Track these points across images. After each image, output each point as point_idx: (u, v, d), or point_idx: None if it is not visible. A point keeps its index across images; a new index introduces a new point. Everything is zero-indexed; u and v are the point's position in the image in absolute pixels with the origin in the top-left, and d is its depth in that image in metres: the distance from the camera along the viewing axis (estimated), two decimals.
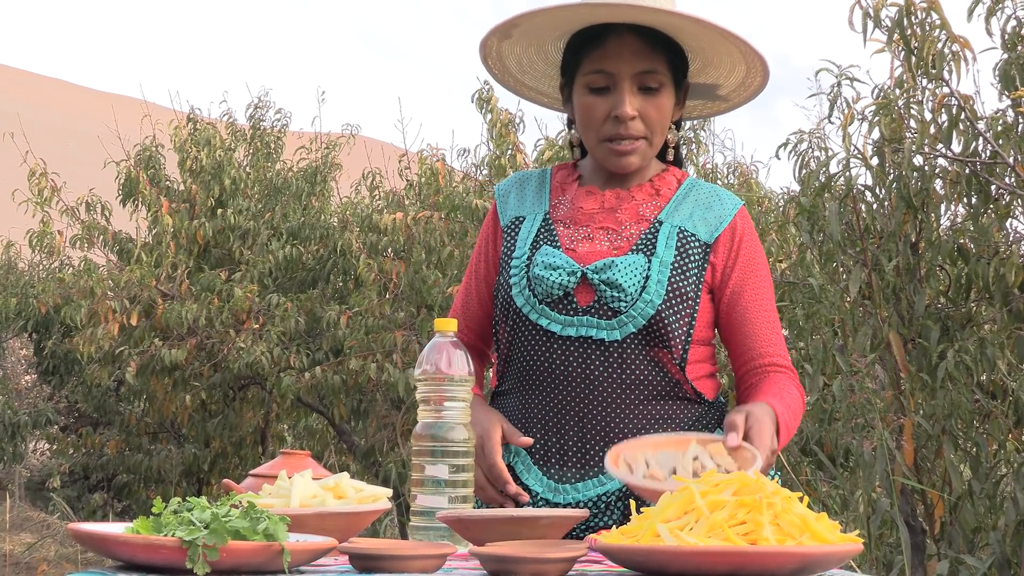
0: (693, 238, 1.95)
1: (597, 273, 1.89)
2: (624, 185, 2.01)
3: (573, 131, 2.06)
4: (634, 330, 1.88)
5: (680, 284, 1.91)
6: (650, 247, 1.93)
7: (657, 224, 1.96)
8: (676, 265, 1.92)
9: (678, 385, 1.92)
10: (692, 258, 1.94)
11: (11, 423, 8.48)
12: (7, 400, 8.93)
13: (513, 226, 2.05)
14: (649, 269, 1.90)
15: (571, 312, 1.90)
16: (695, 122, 5.68)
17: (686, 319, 1.91)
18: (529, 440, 1.90)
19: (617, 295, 1.88)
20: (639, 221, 1.97)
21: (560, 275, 1.90)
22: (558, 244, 1.96)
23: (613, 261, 1.90)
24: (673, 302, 1.89)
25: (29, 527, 8.20)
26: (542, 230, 2.00)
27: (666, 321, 1.88)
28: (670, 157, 2.07)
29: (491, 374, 2.10)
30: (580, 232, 1.97)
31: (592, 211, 1.99)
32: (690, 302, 1.91)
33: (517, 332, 1.94)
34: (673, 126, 2.04)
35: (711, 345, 1.99)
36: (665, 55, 1.94)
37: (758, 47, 1.93)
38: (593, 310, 1.89)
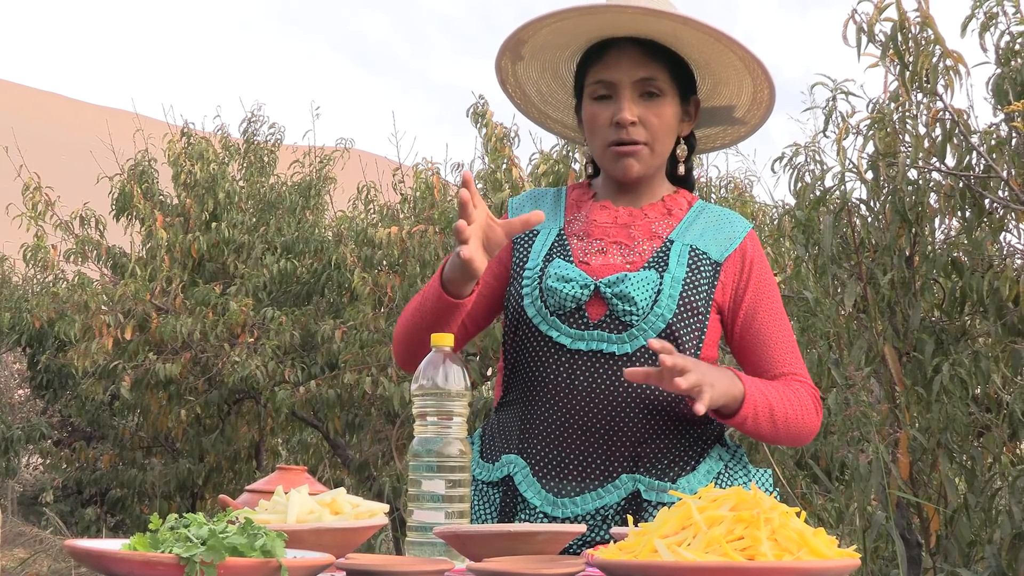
0: (704, 256, 1.97)
1: (610, 287, 1.91)
2: (636, 203, 2.04)
3: (587, 148, 2.08)
4: (644, 343, 1.88)
5: (691, 299, 1.92)
6: (662, 264, 1.95)
7: (669, 243, 1.98)
8: (688, 281, 1.93)
9: (683, 401, 1.92)
10: (703, 275, 1.95)
11: (4, 437, 8.45)
12: (0, 414, 8.90)
13: (526, 238, 2.06)
14: (661, 284, 1.91)
15: (582, 326, 1.91)
16: None
17: (696, 333, 1.92)
18: (540, 214, 1.81)
19: (629, 309, 1.89)
20: (652, 238, 1.99)
21: (573, 288, 1.91)
22: (571, 258, 1.98)
23: (626, 275, 1.91)
24: (684, 316, 1.91)
25: (22, 542, 8.17)
26: (556, 244, 2.01)
27: (677, 334, 1.89)
28: (680, 172, 2.08)
29: (494, 384, 2.10)
30: (594, 245, 1.99)
31: (606, 225, 2.01)
32: (700, 317, 1.93)
33: (526, 343, 1.95)
34: (683, 143, 2.06)
35: (715, 363, 1.99)
36: (666, 65, 1.98)
37: (752, 49, 1.95)
38: (604, 324, 1.90)
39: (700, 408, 1.70)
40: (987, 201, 3.54)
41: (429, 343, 1.82)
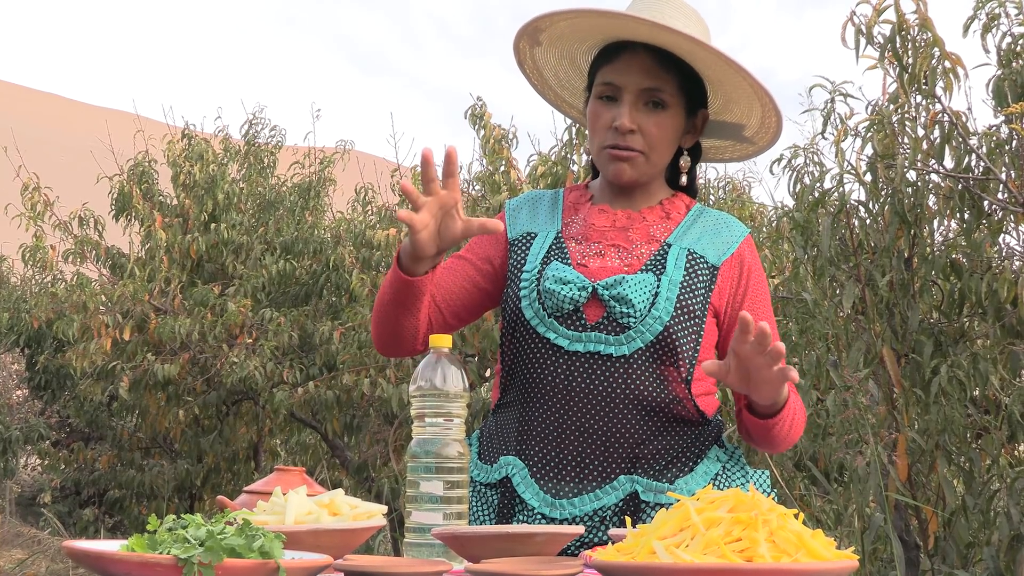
0: (701, 260, 1.98)
1: (607, 289, 1.91)
2: (634, 206, 2.05)
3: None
4: (642, 345, 1.89)
5: (688, 302, 1.93)
6: (660, 267, 1.95)
7: (666, 246, 1.99)
8: (685, 284, 1.94)
9: (680, 403, 1.92)
10: (700, 278, 1.96)
11: (2, 438, 8.45)
12: None
13: (524, 240, 2.06)
14: (659, 287, 1.92)
15: (580, 328, 1.92)
16: None
17: (693, 335, 1.93)
18: (499, 224, 1.82)
19: (626, 311, 1.90)
20: (649, 241, 2.00)
21: (571, 290, 1.92)
22: (568, 260, 1.98)
23: (624, 278, 1.92)
24: (681, 318, 1.91)
25: (20, 543, 8.16)
26: (553, 246, 2.02)
27: (674, 336, 1.90)
28: (682, 182, 2.09)
29: (492, 386, 2.10)
30: (591, 248, 2.00)
31: (604, 228, 2.02)
32: (697, 320, 1.94)
33: (524, 345, 1.95)
34: (687, 153, 2.06)
35: None
36: (676, 77, 1.98)
37: (760, 79, 1.95)
38: (602, 326, 1.91)
39: (795, 375, 1.70)
40: (986, 203, 3.54)
41: (395, 323, 1.91)
